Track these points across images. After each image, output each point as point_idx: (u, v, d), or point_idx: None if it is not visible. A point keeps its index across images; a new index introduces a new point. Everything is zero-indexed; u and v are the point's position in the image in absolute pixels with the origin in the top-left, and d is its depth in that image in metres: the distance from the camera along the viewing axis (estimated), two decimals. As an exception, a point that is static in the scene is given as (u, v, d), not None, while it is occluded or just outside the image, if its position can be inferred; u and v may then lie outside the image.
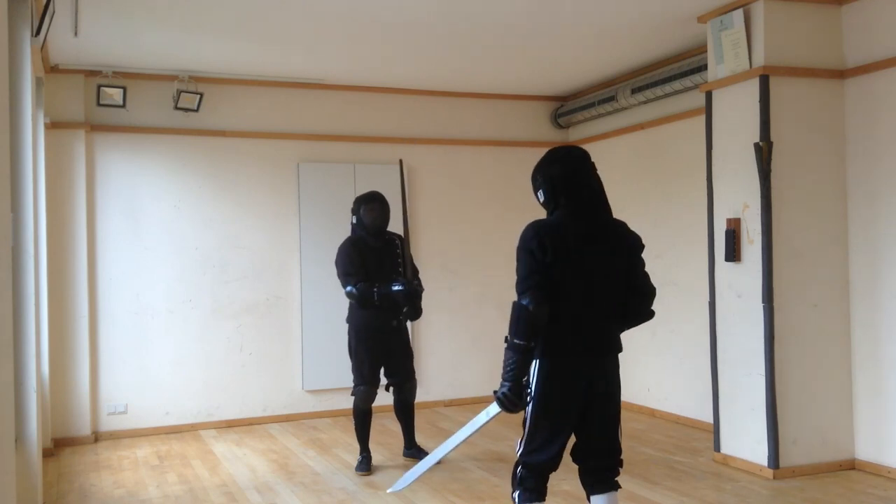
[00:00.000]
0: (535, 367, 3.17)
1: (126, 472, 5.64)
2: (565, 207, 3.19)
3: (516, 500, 3.22)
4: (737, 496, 4.76)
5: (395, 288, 5.22)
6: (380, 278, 5.30)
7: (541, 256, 3.08)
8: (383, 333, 5.38)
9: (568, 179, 3.19)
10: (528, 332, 3.04)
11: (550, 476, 3.27)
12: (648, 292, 3.31)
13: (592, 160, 3.30)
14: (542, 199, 3.28)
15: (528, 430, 3.19)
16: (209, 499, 4.98)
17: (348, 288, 5.29)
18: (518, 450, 3.22)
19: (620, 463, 3.31)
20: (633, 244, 3.30)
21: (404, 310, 5.33)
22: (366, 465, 5.46)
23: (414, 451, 5.68)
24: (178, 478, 5.46)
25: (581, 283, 3.13)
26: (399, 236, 5.50)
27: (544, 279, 3.07)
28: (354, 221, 5.45)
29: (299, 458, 5.90)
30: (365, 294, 5.23)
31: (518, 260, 3.14)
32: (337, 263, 5.39)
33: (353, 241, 5.41)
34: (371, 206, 5.39)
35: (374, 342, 5.38)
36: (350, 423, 7.01)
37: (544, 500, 3.24)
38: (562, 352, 3.15)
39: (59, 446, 6.37)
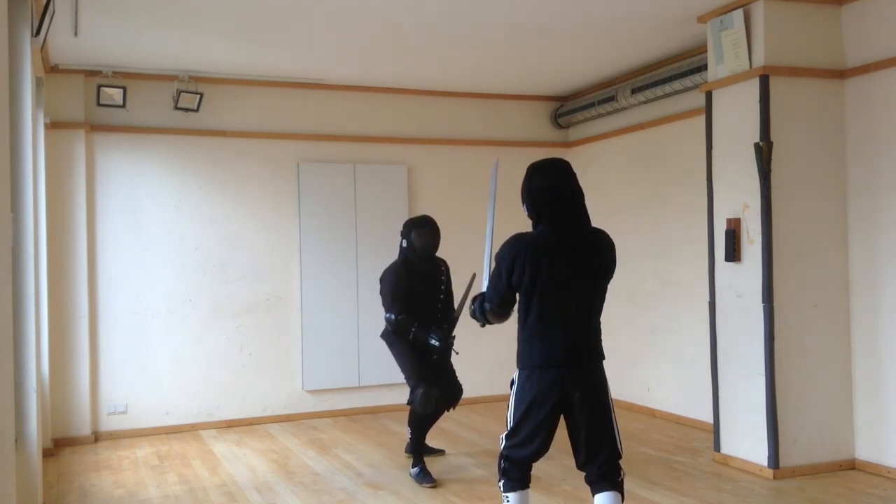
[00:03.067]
0: (515, 375, 3.37)
1: (126, 472, 5.64)
2: (548, 220, 3.30)
3: (501, 488, 3.40)
4: (737, 496, 4.76)
5: (432, 342, 5.18)
6: (427, 302, 5.30)
7: (506, 277, 3.28)
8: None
9: (548, 192, 3.29)
10: (481, 319, 3.50)
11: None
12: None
13: (573, 171, 3.39)
14: (527, 213, 3.40)
15: (510, 430, 3.36)
16: (209, 499, 4.98)
17: (388, 315, 5.25)
18: (501, 443, 3.40)
19: (618, 465, 3.33)
20: (607, 256, 3.37)
21: (434, 357, 5.30)
22: (429, 474, 5.18)
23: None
24: (178, 478, 5.46)
25: (559, 295, 3.24)
26: (444, 262, 5.49)
27: (502, 298, 3.34)
28: (404, 245, 5.37)
29: (299, 458, 5.90)
30: (401, 327, 5.21)
31: (494, 268, 3.36)
32: (383, 284, 5.33)
33: (403, 264, 5.32)
34: (422, 231, 5.32)
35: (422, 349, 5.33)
36: (351, 424, 7.04)
37: (527, 487, 3.42)
38: (538, 363, 3.27)
39: (59, 446, 6.36)
